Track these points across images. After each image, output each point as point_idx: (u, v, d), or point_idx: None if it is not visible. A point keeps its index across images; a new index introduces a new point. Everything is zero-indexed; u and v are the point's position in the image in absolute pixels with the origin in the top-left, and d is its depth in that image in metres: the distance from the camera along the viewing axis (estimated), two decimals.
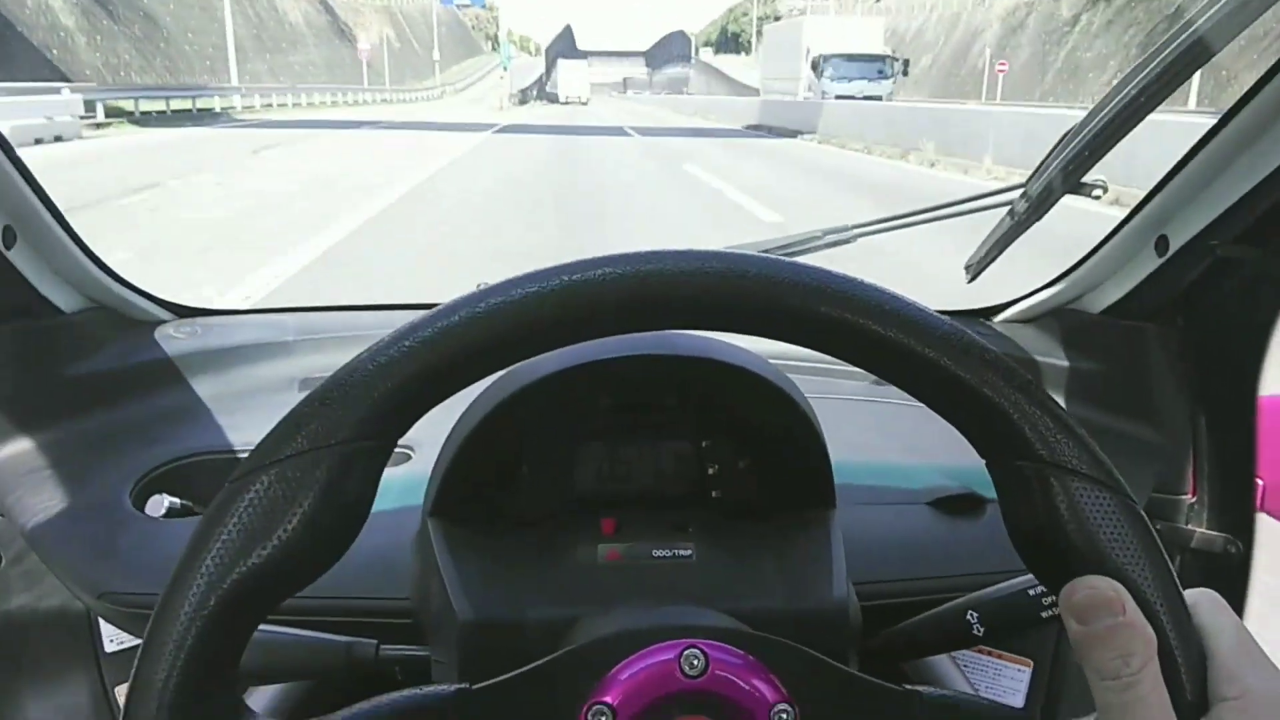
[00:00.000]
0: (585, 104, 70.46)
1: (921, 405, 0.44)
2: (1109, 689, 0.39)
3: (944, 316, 0.43)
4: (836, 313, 0.41)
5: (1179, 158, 0.89)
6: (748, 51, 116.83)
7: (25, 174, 0.85)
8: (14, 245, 0.86)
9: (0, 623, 0.95)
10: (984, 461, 0.44)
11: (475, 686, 0.48)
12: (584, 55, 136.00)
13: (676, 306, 0.42)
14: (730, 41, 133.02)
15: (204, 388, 1.05)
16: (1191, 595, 0.43)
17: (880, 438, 1.02)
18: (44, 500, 0.86)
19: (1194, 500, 1.04)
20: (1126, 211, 0.99)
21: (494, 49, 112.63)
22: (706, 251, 0.43)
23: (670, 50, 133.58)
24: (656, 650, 0.49)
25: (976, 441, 0.43)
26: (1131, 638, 0.39)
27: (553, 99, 76.37)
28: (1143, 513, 0.42)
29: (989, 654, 1.01)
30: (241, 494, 0.40)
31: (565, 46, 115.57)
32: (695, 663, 0.48)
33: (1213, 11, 0.77)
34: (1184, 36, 0.80)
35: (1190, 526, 1.05)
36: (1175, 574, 0.41)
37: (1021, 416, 0.41)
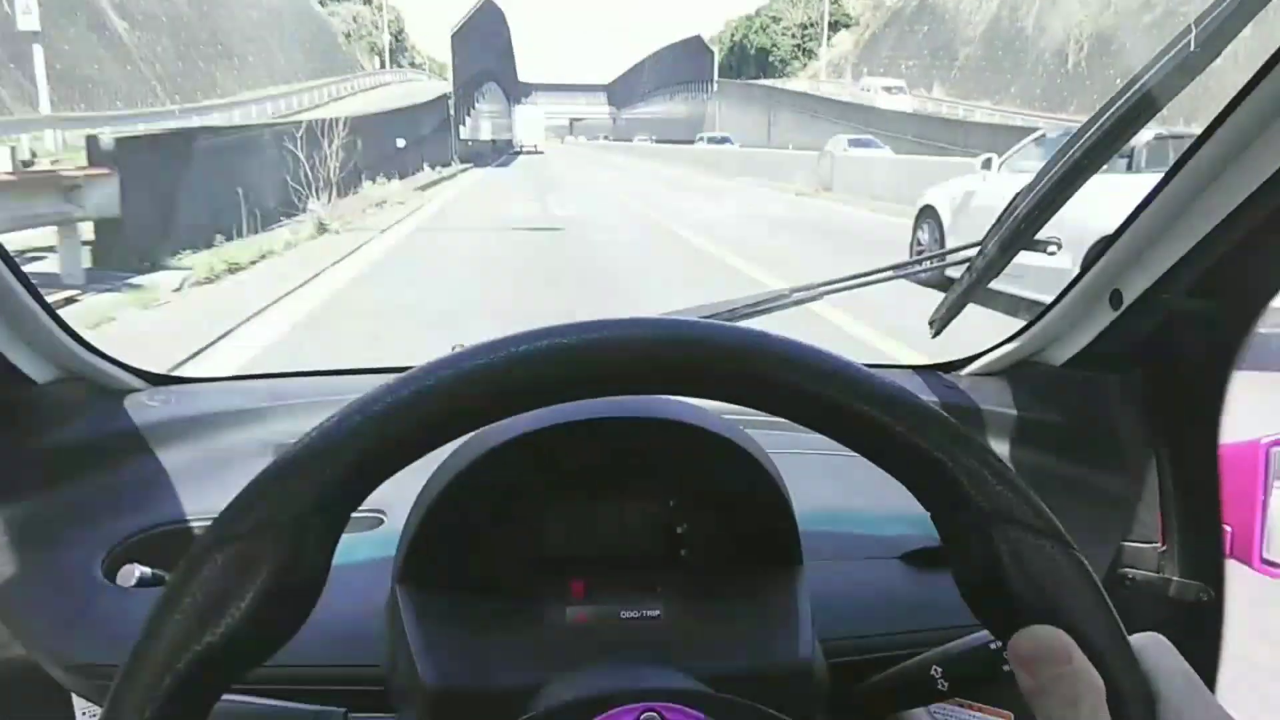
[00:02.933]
0: (541, 153, 59.12)
1: None
2: None
3: (878, 372, 0.44)
4: (773, 374, 0.43)
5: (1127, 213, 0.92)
6: (774, 72, 76.97)
7: None
8: None
9: None
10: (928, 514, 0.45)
11: None
12: (527, 89, 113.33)
13: (623, 374, 0.43)
14: (753, 59, 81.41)
15: (177, 456, 1.05)
16: (1139, 640, 0.43)
17: (846, 491, 1.03)
18: (14, 571, 0.86)
19: (1164, 549, 1.05)
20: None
21: (387, 65, 74.90)
22: (649, 320, 0.44)
23: (652, 79, 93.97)
24: (615, 715, 0.49)
25: (919, 494, 0.44)
26: (1078, 685, 0.39)
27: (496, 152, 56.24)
28: (1083, 559, 0.42)
29: (967, 707, 1.00)
30: (195, 573, 0.40)
31: (505, 79, 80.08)
32: None
33: (1148, 76, 0.80)
34: (1127, 95, 0.84)
35: (1164, 575, 1.05)
36: (1119, 620, 0.42)
37: (959, 469, 0.42)
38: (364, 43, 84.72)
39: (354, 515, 0.43)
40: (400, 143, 24.54)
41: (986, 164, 7.98)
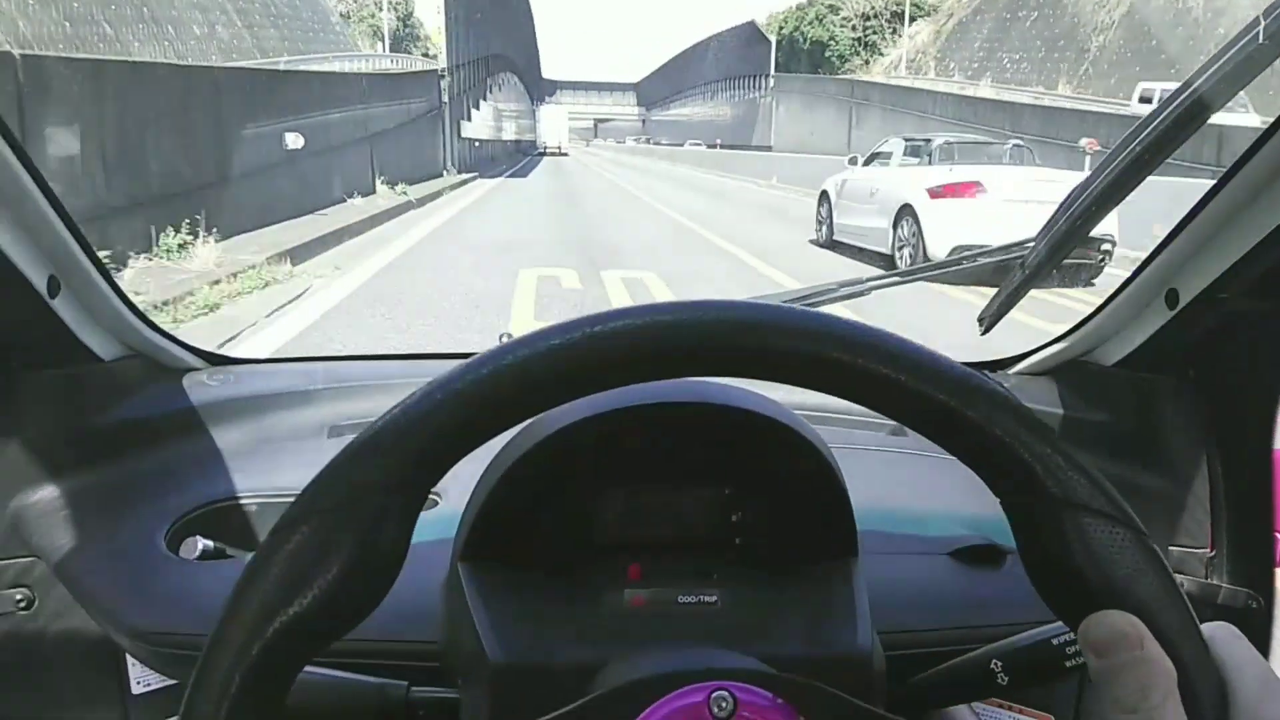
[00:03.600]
0: (565, 155, 57.05)
1: (939, 454, 0.45)
2: None
3: (952, 359, 0.44)
4: (849, 358, 0.43)
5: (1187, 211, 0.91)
6: (830, 69, 59.86)
7: (70, 224, 0.88)
8: (58, 294, 0.89)
9: (29, 662, 0.96)
10: (999, 502, 0.45)
11: None
12: (551, 87, 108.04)
13: (695, 356, 0.44)
14: (806, 54, 64.60)
15: (235, 434, 1.08)
16: (1209, 629, 0.43)
17: (900, 487, 1.03)
18: (80, 541, 0.88)
19: (1213, 554, 1.04)
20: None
21: (386, 50, 56.88)
22: (721, 301, 0.44)
23: (690, 75, 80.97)
24: (685, 693, 0.50)
25: (990, 481, 0.45)
26: (1151, 671, 0.39)
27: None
28: (1156, 547, 0.43)
29: (1010, 709, 1.00)
30: (282, 545, 0.42)
31: (528, 75, 68.32)
32: (724, 705, 0.49)
33: (1213, 70, 0.79)
34: (1185, 95, 0.83)
35: (1213, 581, 1.04)
36: (1191, 608, 0.42)
37: (1032, 455, 0.43)
38: (365, 25, 69.10)
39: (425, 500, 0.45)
40: (292, 141, 11.43)
41: (853, 161, 11.76)
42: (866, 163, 11.17)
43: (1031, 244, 1.03)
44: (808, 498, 0.73)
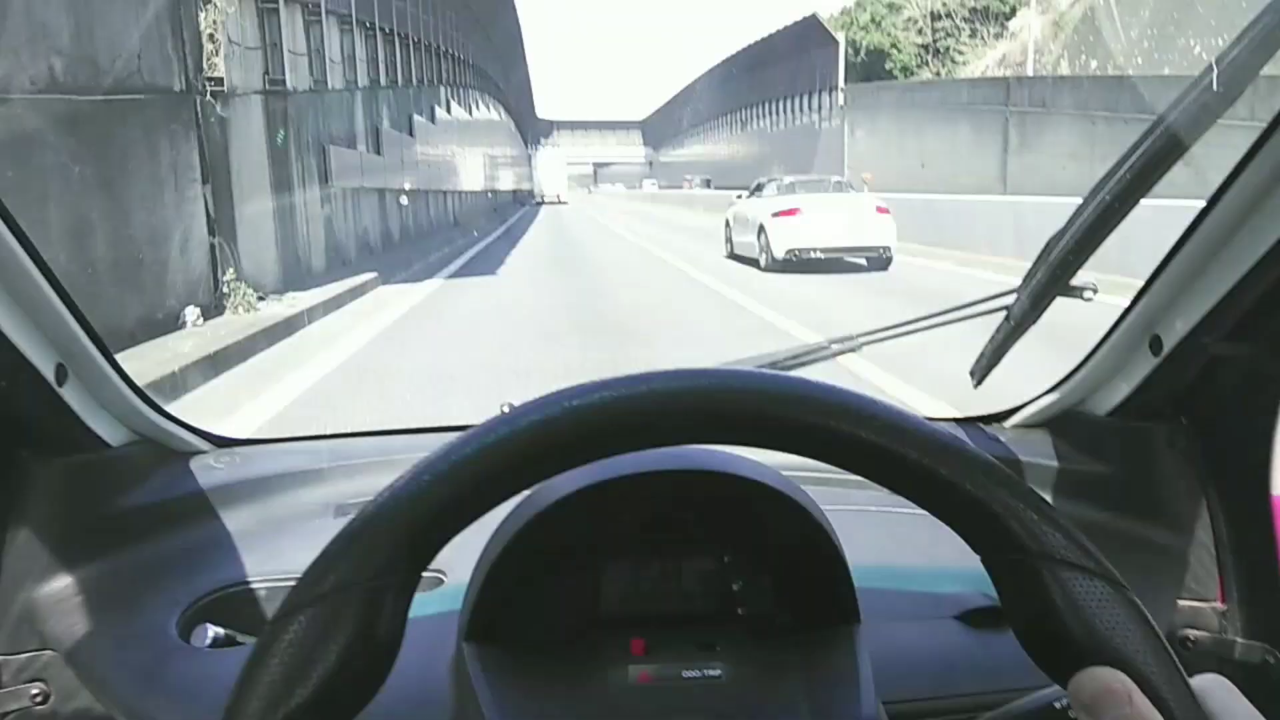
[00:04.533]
0: (565, 204, 51.52)
1: None
2: None
3: (924, 419, 0.45)
4: (820, 420, 0.44)
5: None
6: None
7: (75, 312, 0.90)
8: (65, 382, 0.91)
9: None
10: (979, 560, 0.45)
11: None
12: (546, 128, 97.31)
13: (675, 424, 0.45)
14: (858, 68, 40.21)
15: (244, 517, 1.09)
16: (1201, 681, 0.43)
17: (902, 547, 1.02)
18: (92, 632, 0.89)
19: (1224, 608, 1.01)
20: None
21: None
22: (697, 370, 0.45)
23: (713, 100, 62.41)
24: None
25: (968, 538, 0.45)
26: None
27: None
28: (1136, 599, 0.42)
29: None
30: (280, 636, 0.43)
31: (522, 118, 60.54)
32: None
33: (1184, 104, 0.80)
34: (1157, 133, 0.83)
35: (1227, 635, 1.01)
36: (1177, 660, 0.41)
37: (1007, 511, 0.43)
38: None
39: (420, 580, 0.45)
40: None
41: (739, 196, 15.87)
42: (750, 195, 14.81)
43: (1015, 294, 1.04)
44: (805, 563, 0.73)
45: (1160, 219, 1.62)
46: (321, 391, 5.67)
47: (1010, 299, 1.04)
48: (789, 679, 0.69)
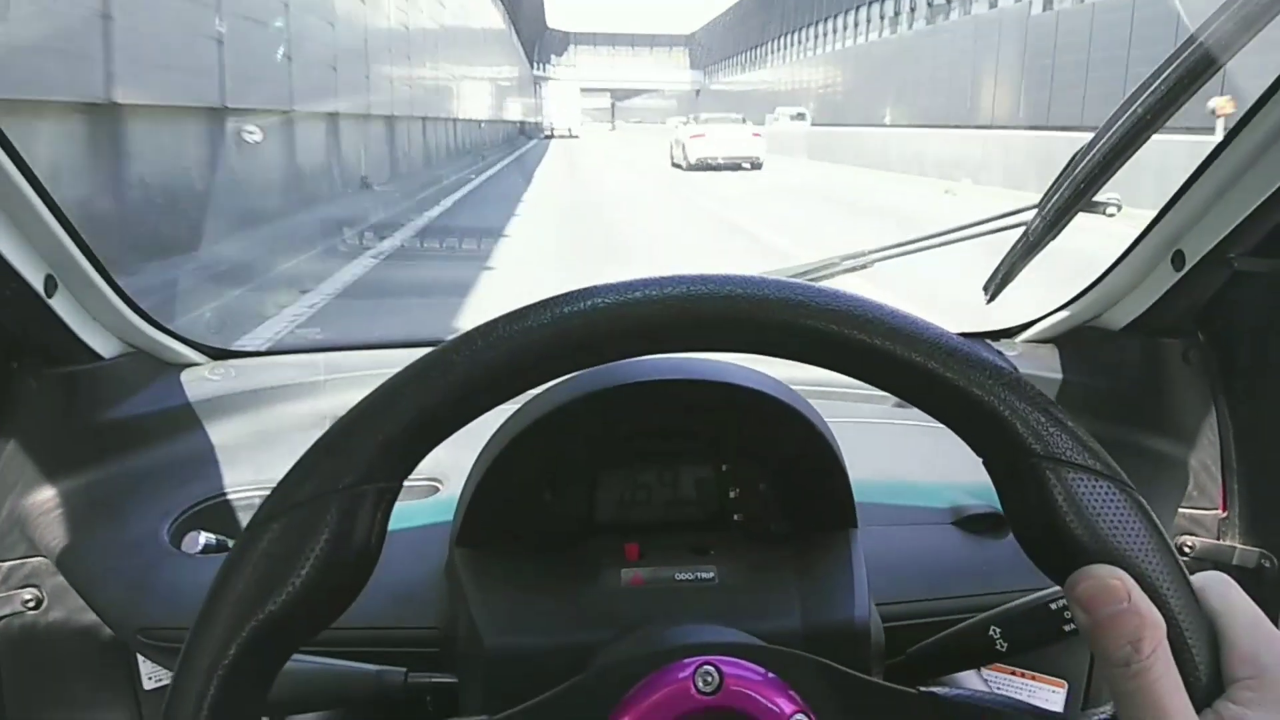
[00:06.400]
0: (576, 137, 44.84)
1: (942, 425, 0.45)
2: (1121, 676, 0.39)
3: (928, 322, 0.44)
4: (821, 325, 0.43)
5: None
6: None
7: (65, 223, 0.88)
8: (55, 293, 0.89)
9: (40, 661, 0.97)
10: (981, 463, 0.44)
11: (498, 717, 0.50)
12: (562, 42, 76.78)
13: (673, 330, 0.44)
14: None
15: (237, 428, 1.08)
16: (1200, 578, 0.43)
17: (902, 459, 1.03)
18: (83, 539, 0.89)
19: (1225, 515, 1.03)
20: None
21: None
22: (696, 275, 0.44)
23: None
24: (671, 670, 0.50)
25: (972, 442, 0.44)
26: (1139, 624, 0.39)
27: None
28: (1140, 498, 0.42)
29: (1022, 675, 1.00)
30: (255, 542, 0.42)
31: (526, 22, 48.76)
32: (709, 679, 0.49)
33: (1215, 26, 0.78)
34: (1188, 51, 0.81)
35: (1226, 542, 1.03)
36: (1178, 557, 0.41)
37: (1011, 412, 0.42)
38: None
39: (410, 484, 0.44)
40: None
41: (682, 123, 25.01)
42: (681, 126, 22.67)
43: (1035, 209, 1.02)
44: (804, 471, 0.73)
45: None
46: None
47: (1029, 215, 1.03)
48: (782, 581, 0.70)
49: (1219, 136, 0.87)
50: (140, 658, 0.95)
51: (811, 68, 45.97)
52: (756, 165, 20.73)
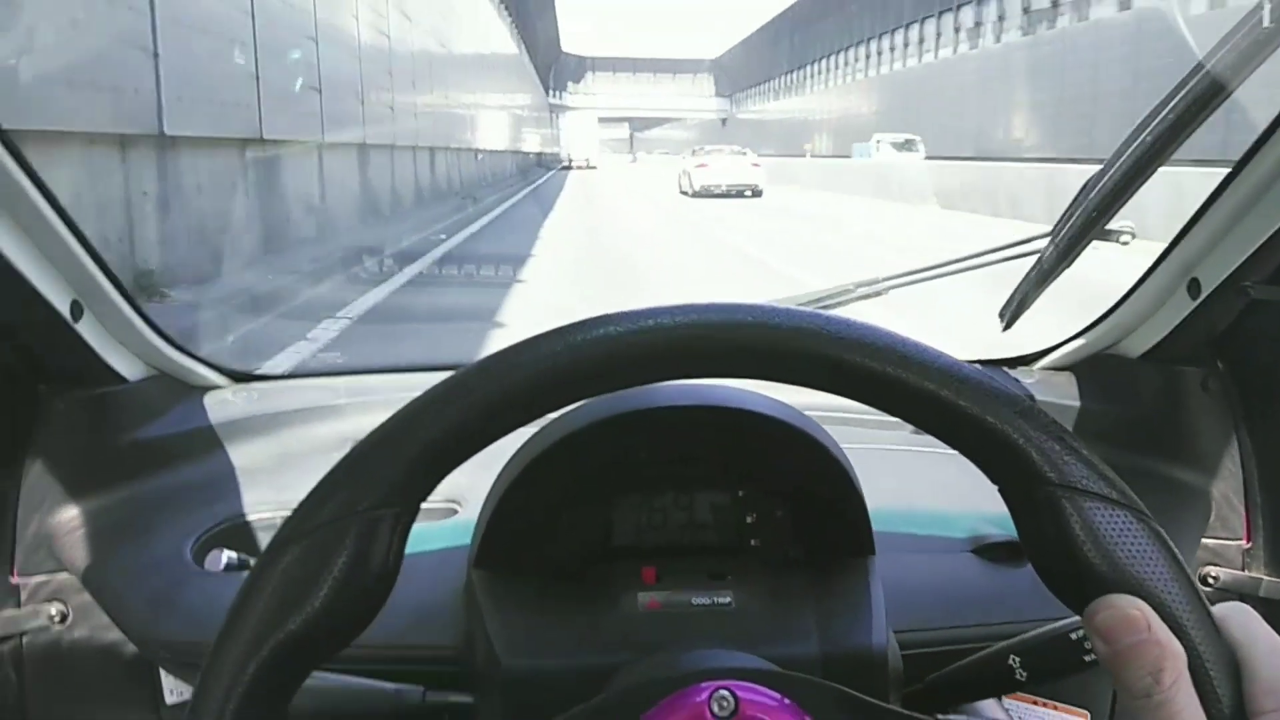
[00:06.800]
0: (594, 168, 42.13)
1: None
2: (1143, 707, 0.38)
3: (940, 350, 0.44)
4: (833, 353, 0.43)
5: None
6: None
7: (90, 250, 0.90)
8: (81, 318, 0.92)
9: (65, 675, 0.98)
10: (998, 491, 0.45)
11: None
12: (578, 68, 71.83)
13: (691, 358, 0.44)
14: None
15: (260, 450, 1.10)
16: (1221, 609, 0.42)
17: (919, 486, 1.02)
18: (108, 556, 0.91)
19: (1249, 546, 1.02)
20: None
21: None
22: (709, 304, 0.45)
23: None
24: (687, 694, 0.50)
25: (987, 470, 0.44)
26: (1160, 654, 0.38)
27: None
28: (1159, 527, 0.42)
29: (1044, 705, 0.98)
30: (275, 564, 0.43)
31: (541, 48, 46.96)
32: (725, 704, 0.49)
33: (1223, 52, 0.78)
34: (1197, 78, 0.82)
35: (1251, 573, 1.02)
36: (1198, 587, 0.41)
37: (1026, 441, 0.42)
38: None
39: (429, 506, 0.45)
40: None
41: (690, 153, 25.84)
42: (693, 154, 24.54)
43: (1049, 237, 1.02)
44: (822, 498, 0.73)
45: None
46: None
47: (1042, 243, 1.03)
48: (800, 607, 0.69)
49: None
50: (163, 673, 0.97)
51: (870, 92, 37.85)
52: (757, 193, 22.18)
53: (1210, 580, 1.02)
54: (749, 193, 22.01)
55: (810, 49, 49.08)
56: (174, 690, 0.97)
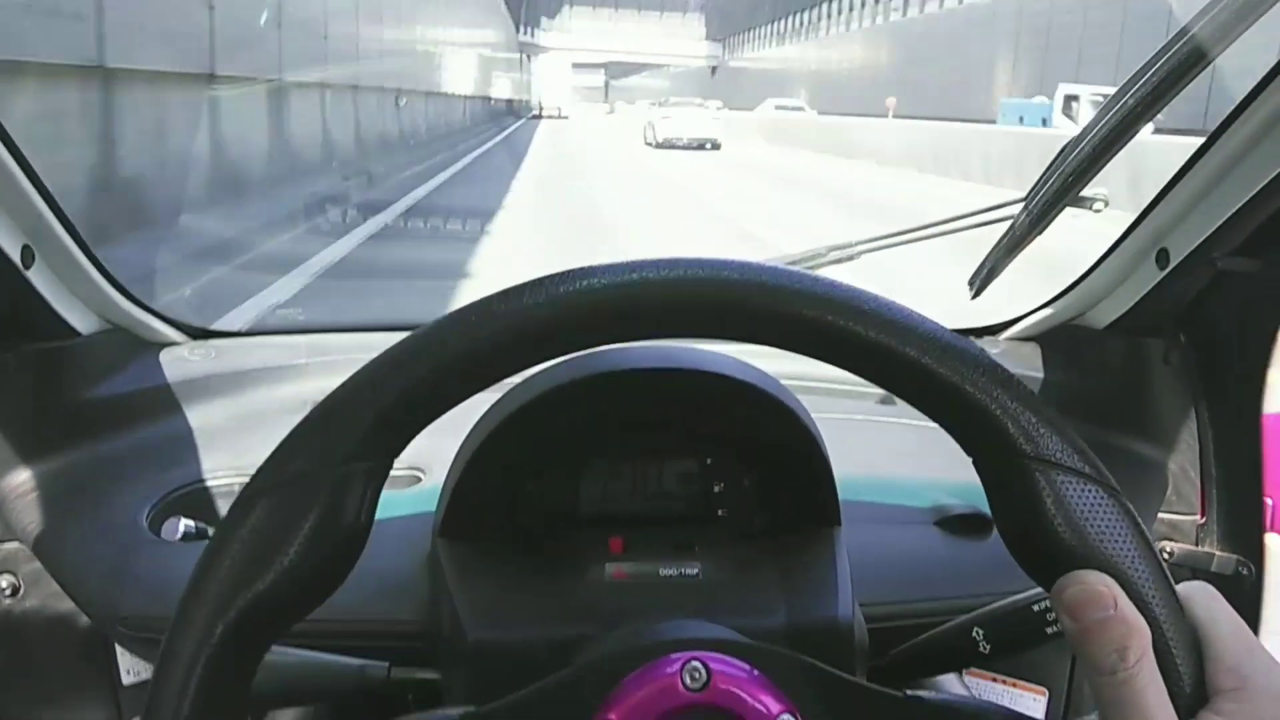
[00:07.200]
0: (566, 118, 41.74)
1: (928, 424, 0.44)
2: (1106, 684, 0.39)
3: (923, 316, 0.43)
4: (816, 314, 0.42)
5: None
6: None
7: (44, 192, 0.86)
8: (32, 265, 0.87)
9: (17, 653, 0.95)
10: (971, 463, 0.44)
11: (482, 709, 0.49)
12: (554, 2, 63.51)
13: (662, 314, 0.43)
14: None
15: (218, 410, 1.06)
16: (1185, 588, 0.42)
17: (887, 456, 1.02)
18: (60, 525, 0.87)
19: (1203, 521, 1.03)
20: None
21: None
22: (694, 259, 0.43)
23: None
24: (659, 665, 0.49)
25: (962, 440, 0.43)
26: (1125, 631, 0.39)
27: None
28: (1129, 504, 0.41)
29: (1003, 682, 0.99)
30: (242, 521, 0.41)
31: None
32: (697, 675, 0.48)
33: (1204, 21, 0.77)
34: (1177, 46, 0.81)
35: (1204, 548, 1.03)
36: (1165, 566, 0.41)
37: (1004, 412, 0.41)
38: None
39: (392, 474, 0.44)
40: None
41: (653, 106, 32.18)
42: (659, 106, 26.63)
43: (1021, 203, 1.02)
44: (789, 467, 0.73)
45: None
46: None
47: (1015, 209, 1.03)
48: (766, 578, 0.69)
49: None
50: (119, 652, 0.94)
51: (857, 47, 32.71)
52: (716, 146, 23.70)
53: (1165, 554, 1.03)
54: (709, 145, 23.49)
55: None
56: (131, 670, 0.95)
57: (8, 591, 0.92)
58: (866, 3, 36.32)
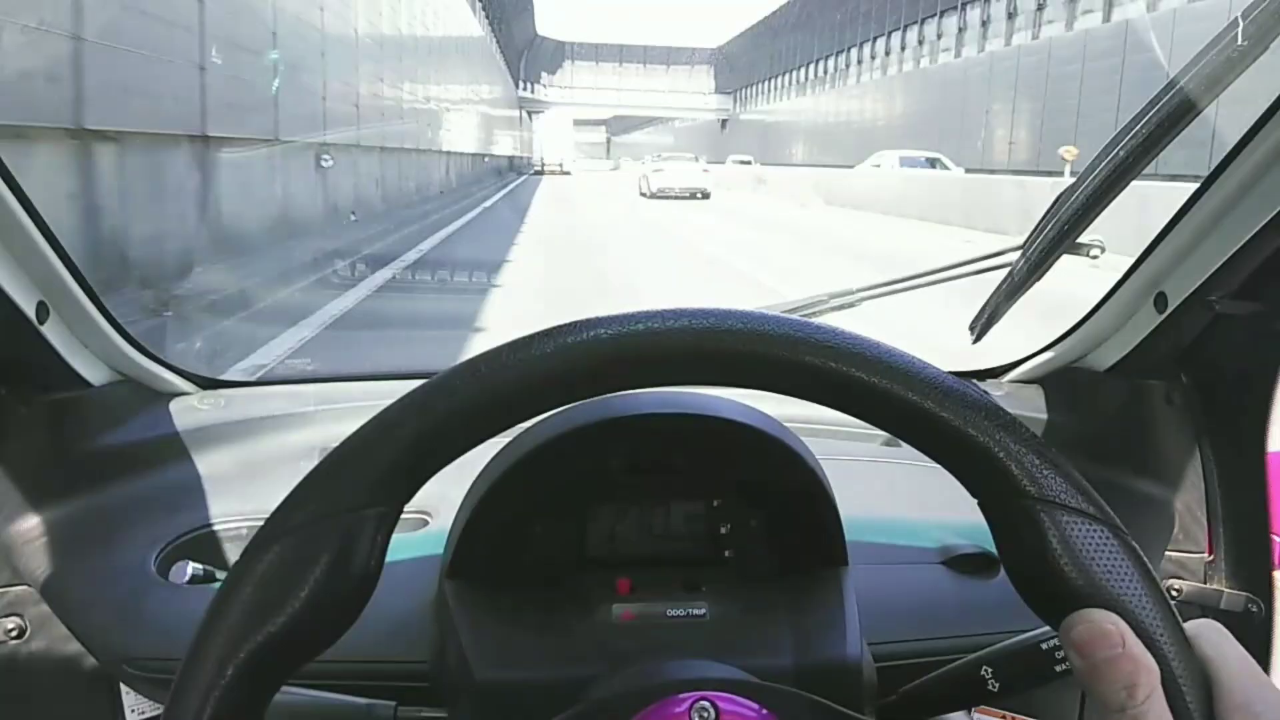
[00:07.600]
0: (568, 174, 40.94)
1: (932, 465, 0.45)
2: None
3: (925, 361, 0.44)
4: (820, 361, 0.43)
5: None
6: None
7: (59, 250, 0.88)
8: (46, 320, 0.89)
9: (23, 693, 0.95)
10: (976, 504, 0.45)
11: None
12: (554, 56, 62.90)
13: (666, 363, 0.44)
14: None
15: (228, 458, 1.07)
16: (1193, 625, 0.43)
17: (893, 497, 1.03)
18: (69, 567, 0.88)
19: (1211, 559, 1.03)
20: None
21: None
22: (698, 309, 0.44)
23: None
24: (667, 704, 0.50)
25: (967, 483, 0.44)
26: (1134, 669, 0.39)
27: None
28: (1134, 544, 0.42)
29: (1012, 718, 0.99)
30: (254, 565, 0.42)
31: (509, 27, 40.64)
32: (706, 715, 0.49)
33: (1196, 69, 0.80)
34: (1169, 94, 0.83)
35: (1212, 586, 1.03)
36: (1171, 604, 0.42)
37: (1007, 455, 0.42)
38: None
39: (400, 517, 0.44)
40: None
41: (652, 159, 31.10)
42: (651, 160, 27.83)
43: (1019, 250, 1.03)
44: (796, 509, 0.73)
45: None
46: None
47: (1014, 256, 1.04)
48: (774, 619, 0.69)
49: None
50: (125, 690, 0.93)
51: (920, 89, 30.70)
52: (705, 195, 25.37)
53: (1174, 593, 1.03)
54: (699, 195, 25.25)
55: (841, 35, 39.24)
56: (135, 709, 0.94)
57: (14, 633, 0.92)
58: (878, 54, 34.95)
